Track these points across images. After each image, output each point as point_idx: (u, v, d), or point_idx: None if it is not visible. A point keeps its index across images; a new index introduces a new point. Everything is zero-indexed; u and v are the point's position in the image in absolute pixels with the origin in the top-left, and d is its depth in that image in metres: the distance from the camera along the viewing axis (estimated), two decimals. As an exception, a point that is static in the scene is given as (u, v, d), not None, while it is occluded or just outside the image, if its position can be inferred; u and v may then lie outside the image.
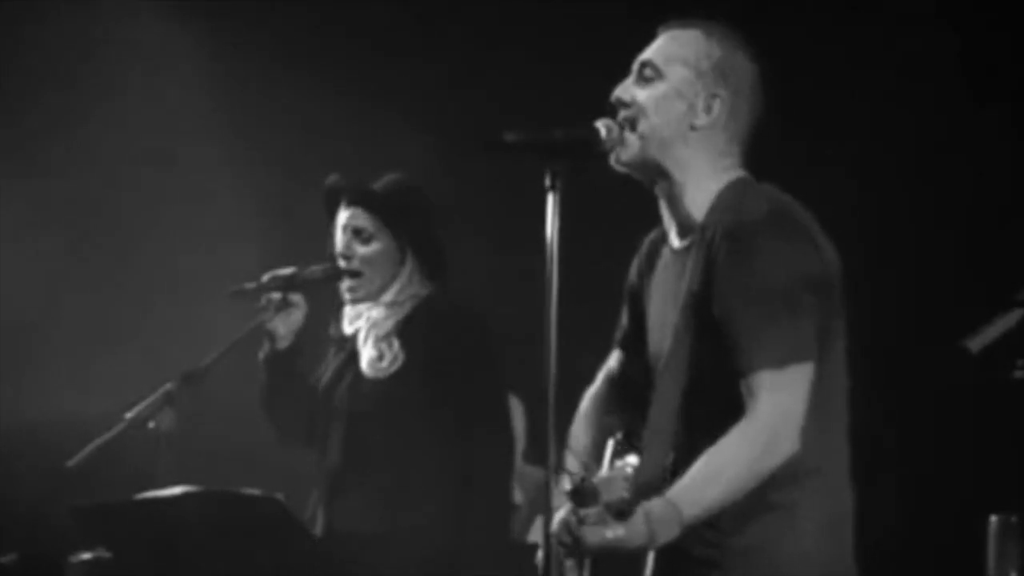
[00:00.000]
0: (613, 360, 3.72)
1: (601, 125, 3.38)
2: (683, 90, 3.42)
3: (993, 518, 3.11)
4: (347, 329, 4.59)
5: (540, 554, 3.43)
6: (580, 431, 3.61)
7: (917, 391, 5.26)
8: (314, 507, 4.49)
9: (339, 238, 4.54)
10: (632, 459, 3.13)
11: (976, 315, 3.99)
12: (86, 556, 4.40)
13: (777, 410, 3.22)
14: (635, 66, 3.47)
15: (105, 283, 6.11)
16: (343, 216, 4.54)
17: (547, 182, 3.22)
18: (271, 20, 6.15)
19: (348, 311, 4.60)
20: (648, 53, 3.48)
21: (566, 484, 3.16)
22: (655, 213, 3.53)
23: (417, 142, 5.72)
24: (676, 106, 3.42)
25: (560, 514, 3.24)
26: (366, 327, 4.52)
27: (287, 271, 4.54)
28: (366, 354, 4.48)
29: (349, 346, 4.56)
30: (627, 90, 3.44)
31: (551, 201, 3.21)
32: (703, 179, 3.42)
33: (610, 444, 3.44)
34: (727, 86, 3.43)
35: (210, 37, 6.15)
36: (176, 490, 3.89)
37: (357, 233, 4.52)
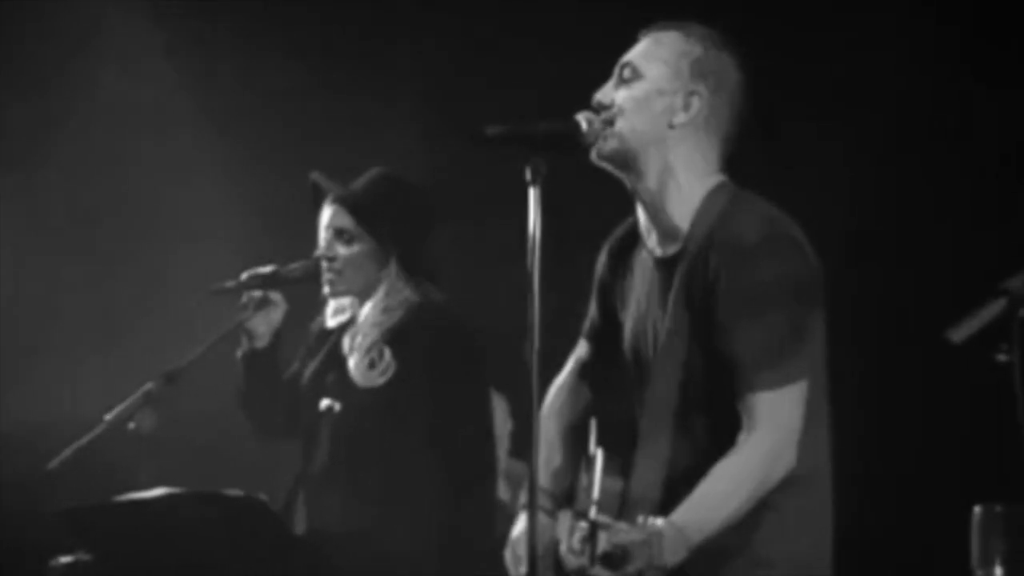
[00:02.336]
0: (581, 351, 3.73)
1: (582, 118, 3.39)
2: (662, 88, 3.43)
3: (977, 508, 3.11)
4: (330, 323, 4.56)
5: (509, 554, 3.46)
6: (552, 425, 3.64)
7: (900, 382, 5.26)
8: (289, 500, 4.45)
9: (322, 237, 4.49)
10: (660, 522, 3.13)
11: (964, 310, 3.99)
12: (67, 559, 4.37)
13: (779, 430, 3.27)
14: (616, 69, 3.48)
15: (95, 286, 6.09)
16: (326, 215, 4.49)
17: (528, 176, 3.21)
18: (259, 18, 6.13)
19: (332, 304, 4.57)
20: (628, 55, 3.49)
21: (586, 532, 3.15)
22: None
23: (403, 137, 5.70)
24: (654, 104, 3.42)
25: (571, 558, 3.27)
26: (352, 331, 4.48)
27: (267, 269, 4.51)
28: (355, 361, 4.42)
29: (332, 340, 4.53)
30: (607, 93, 3.45)
31: (532, 195, 3.20)
32: (684, 181, 3.42)
33: (599, 457, 3.41)
34: (706, 84, 3.43)
35: (198, 35, 6.13)
36: (158, 491, 3.87)
37: (339, 233, 4.46)
